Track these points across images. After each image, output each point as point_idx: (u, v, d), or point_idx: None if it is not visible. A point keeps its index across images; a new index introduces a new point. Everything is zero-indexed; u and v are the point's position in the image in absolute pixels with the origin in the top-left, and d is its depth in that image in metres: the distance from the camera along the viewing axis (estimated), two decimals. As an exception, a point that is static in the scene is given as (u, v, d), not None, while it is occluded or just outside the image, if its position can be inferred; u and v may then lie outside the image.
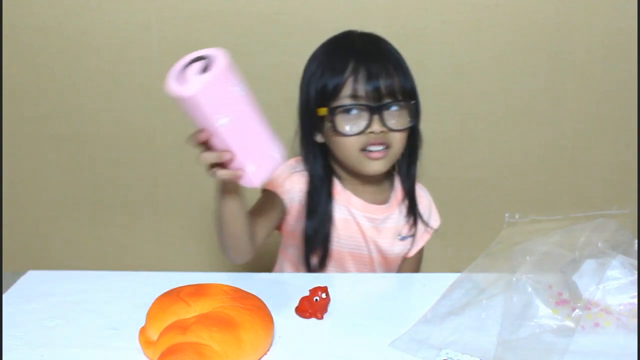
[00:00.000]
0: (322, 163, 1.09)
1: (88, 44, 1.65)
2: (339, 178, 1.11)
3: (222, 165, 0.75)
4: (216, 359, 0.70)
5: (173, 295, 0.80)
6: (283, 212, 1.08)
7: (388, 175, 1.14)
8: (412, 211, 1.14)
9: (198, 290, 0.80)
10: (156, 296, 0.81)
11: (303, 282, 0.93)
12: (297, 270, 1.13)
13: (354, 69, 1.01)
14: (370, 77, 1.00)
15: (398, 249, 1.14)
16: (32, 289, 0.94)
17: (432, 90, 1.69)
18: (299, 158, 1.11)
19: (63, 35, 1.65)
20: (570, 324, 0.75)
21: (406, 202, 1.14)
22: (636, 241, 0.84)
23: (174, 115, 1.71)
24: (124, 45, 1.65)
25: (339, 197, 1.09)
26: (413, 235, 1.15)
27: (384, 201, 1.12)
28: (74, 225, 1.83)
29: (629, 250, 0.84)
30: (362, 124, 1.01)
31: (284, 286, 0.99)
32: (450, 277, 0.87)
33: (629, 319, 0.80)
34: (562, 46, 1.66)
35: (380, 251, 1.12)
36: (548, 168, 1.77)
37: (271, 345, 0.78)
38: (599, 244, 0.84)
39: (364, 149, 1.03)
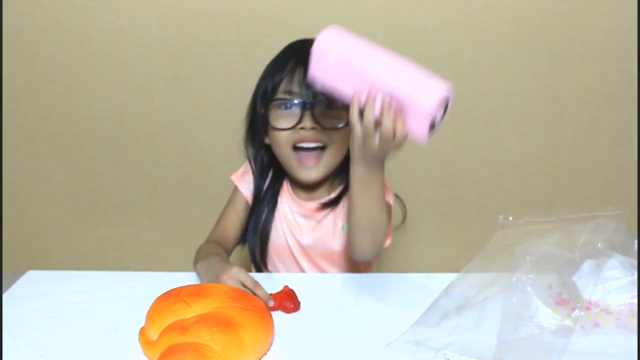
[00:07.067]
0: (270, 163, 1.12)
1: (88, 44, 1.65)
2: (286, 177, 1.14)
3: None
4: (216, 359, 0.70)
5: (173, 295, 0.80)
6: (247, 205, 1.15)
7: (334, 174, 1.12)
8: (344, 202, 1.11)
9: (198, 291, 0.80)
10: (156, 296, 0.81)
11: (303, 282, 0.93)
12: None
13: (292, 68, 1.02)
14: (306, 75, 0.98)
15: (342, 239, 1.12)
16: (32, 289, 0.94)
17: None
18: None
19: (63, 35, 1.65)
20: (570, 324, 0.75)
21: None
22: (636, 241, 0.84)
23: (174, 115, 1.72)
24: (124, 45, 1.65)
25: (283, 193, 1.14)
26: None
27: (323, 196, 1.13)
28: (74, 225, 1.83)
29: (628, 250, 0.84)
30: (294, 119, 1.02)
31: (283, 286, 0.99)
32: (450, 277, 0.87)
33: (629, 319, 0.80)
34: (562, 46, 1.66)
35: (323, 245, 1.12)
36: (547, 168, 1.77)
37: (271, 345, 0.78)
38: (599, 244, 0.84)
39: (295, 147, 1.04)
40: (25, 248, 1.85)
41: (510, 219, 0.85)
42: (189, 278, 0.98)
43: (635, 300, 0.80)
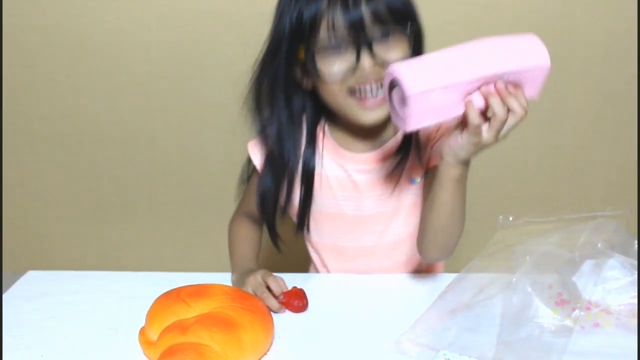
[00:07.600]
0: (308, 112, 0.97)
1: (88, 44, 1.65)
2: (331, 122, 0.98)
3: None
4: (216, 359, 0.70)
5: (173, 295, 0.80)
6: None
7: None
8: (416, 146, 0.95)
9: (198, 291, 0.80)
10: (156, 296, 0.81)
11: (303, 282, 0.93)
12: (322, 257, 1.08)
13: None
14: (348, 5, 0.82)
15: (413, 195, 0.99)
16: (32, 289, 0.94)
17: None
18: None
19: (63, 35, 1.65)
20: (570, 324, 0.75)
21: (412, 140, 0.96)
22: (636, 241, 0.84)
23: (174, 115, 1.71)
24: (124, 45, 1.65)
25: (326, 150, 0.98)
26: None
27: (382, 143, 0.96)
28: (74, 225, 1.83)
29: (628, 250, 0.84)
30: (348, 61, 0.84)
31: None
32: (450, 277, 0.87)
33: (629, 319, 0.80)
34: (562, 46, 1.66)
35: (389, 205, 0.99)
36: (547, 168, 1.77)
37: (271, 345, 0.78)
38: (599, 245, 0.84)
39: (353, 92, 0.87)
40: (25, 248, 1.85)
41: (510, 219, 0.85)
42: (189, 278, 0.97)
43: (635, 300, 0.80)
